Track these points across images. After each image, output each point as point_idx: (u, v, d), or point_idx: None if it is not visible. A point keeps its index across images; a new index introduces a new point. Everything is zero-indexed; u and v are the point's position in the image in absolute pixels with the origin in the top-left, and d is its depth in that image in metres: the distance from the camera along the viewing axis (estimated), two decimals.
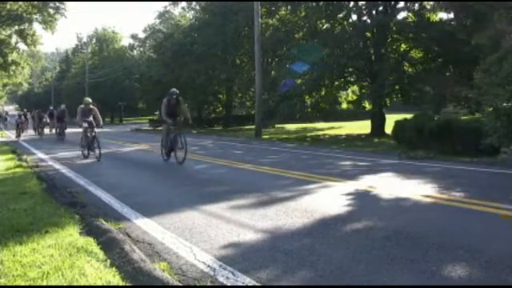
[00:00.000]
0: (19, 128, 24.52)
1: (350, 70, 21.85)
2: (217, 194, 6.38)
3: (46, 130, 26.10)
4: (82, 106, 12.25)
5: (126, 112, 60.03)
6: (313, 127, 29.78)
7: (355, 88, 24.88)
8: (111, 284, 2.98)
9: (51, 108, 27.67)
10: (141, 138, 22.71)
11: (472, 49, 15.17)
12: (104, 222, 4.59)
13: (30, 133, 26.26)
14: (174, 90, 10.76)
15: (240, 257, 3.65)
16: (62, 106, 23.43)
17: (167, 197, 6.45)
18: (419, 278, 3.14)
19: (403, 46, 21.87)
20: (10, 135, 27.55)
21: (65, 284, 2.96)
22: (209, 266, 3.43)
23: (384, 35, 20.73)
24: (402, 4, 20.96)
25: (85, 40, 66.54)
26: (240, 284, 3.09)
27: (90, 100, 12.59)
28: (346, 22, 22.60)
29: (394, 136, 15.11)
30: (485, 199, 5.49)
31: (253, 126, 22.94)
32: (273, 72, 27.97)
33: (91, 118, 12.08)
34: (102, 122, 12.52)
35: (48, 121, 25.70)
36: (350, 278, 3.18)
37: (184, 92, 36.02)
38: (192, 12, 42.15)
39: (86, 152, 12.00)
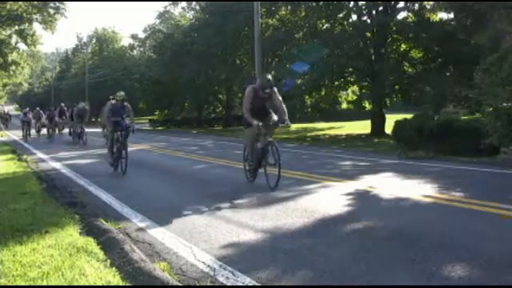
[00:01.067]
0: (26, 128, 22.15)
1: (350, 69, 21.85)
2: (217, 193, 6.38)
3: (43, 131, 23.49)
4: (113, 101, 9.34)
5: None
6: (313, 127, 29.77)
7: (355, 88, 24.89)
8: (111, 284, 2.98)
9: (62, 104, 23.79)
10: (141, 138, 22.69)
11: (472, 49, 15.18)
12: (104, 222, 4.59)
13: (32, 132, 23.88)
14: (268, 76, 6.98)
15: (240, 257, 3.65)
16: (82, 104, 20.57)
17: (167, 197, 6.44)
18: (419, 278, 3.14)
19: (403, 46, 21.88)
20: (10, 135, 27.44)
21: (65, 284, 2.96)
22: (209, 265, 3.43)
23: (384, 35, 20.74)
24: (402, 4, 20.99)
25: (85, 40, 66.60)
26: (240, 284, 3.08)
27: (123, 93, 9.48)
28: (346, 22, 22.61)
29: (394, 136, 15.11)
30: (485, 199, 5.49)
31: None
32: (273, 72, 27.96)
33: (126, 119, 9.14)
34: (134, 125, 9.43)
35: (59, 120, 22.13)
36: (350, 277, 3.18)
37: (184, 92, 36.24)
38: (192, 12, 42.16)
39: (115, 162, 9.02)
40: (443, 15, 20.46)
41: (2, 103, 58.89)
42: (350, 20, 22.47)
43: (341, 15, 22.28)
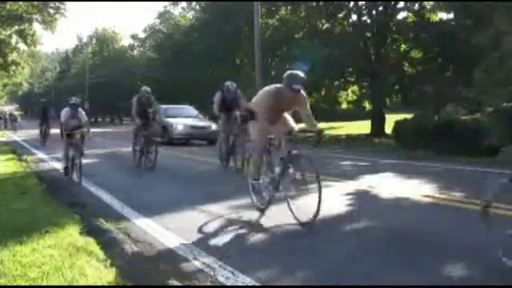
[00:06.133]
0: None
1: (350, 70, 21.85)
2: (217, 193, 6.38)
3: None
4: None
5: (126, 112, 59.99)
6: None
7: (355, 88, 24.90)
8: (111, 284, 2.98)
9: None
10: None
11: (472, 49, 15.17)
12: (104, 222, 4.59)
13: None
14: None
15: (240, 257, 3.65)
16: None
17: (167, 197, 6.45)
18: (419, 277, 3.14)
19: (403, 46, 21.89)
20: (11, 135, 27.22)
21: (65, 284, 2.96)
22: (209, 265, 3.43)
23: (384, 35, 20.75)
24: (402, 4, 20.99)
25: (85, 40, 66.59)
26: (240, 284, 3.08)
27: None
28: (345, 22, 22.61)
29: (393, 136, 15.11)
30: None
31: None
32: (273, 72, 27.96)
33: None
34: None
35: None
36: (350, 277, 3.18)
37: (184, 92, 36.24)
38: (192, 12, 42.13)
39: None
40: (443, 15, 20.49)
41: (2, 103, 58.78)
42: (350, 20, 22.47)
43: (341, 15, 22.28)
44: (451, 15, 18.33)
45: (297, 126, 5.35)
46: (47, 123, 16.88)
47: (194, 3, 39.67)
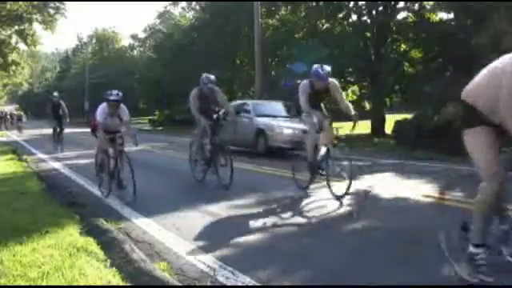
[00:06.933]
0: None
1: (350, 70, 21.86)
2: (217, 193, 6.37)
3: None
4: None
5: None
6: None
7: (355, 88, 24.92)
8: (111, 284, 2.98)
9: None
10: (141, 139, 22.68)
11: (472, 49, 15.17)
12: (104, 222, 4.59)
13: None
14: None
15: (240, 257, 3.65)
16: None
17: (167, 197, 6.45)
18: (419, 277, 3.14)
19: (403, 46, 21.89)
20: (11, 135, 27.15)
21: (65, 284, 2.96)
22: (209, 265, 3.43)
23: (384, 35, 20.76)
24: (402, 4, 20.99)
25: (85, 40, 66.63)
26: (240, 284, 3.09)
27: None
28: (345, 22, 22.62)
29: (393, 136, 15.10)
30: None
31: None
32: (273, 72, 28.00)
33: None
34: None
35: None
36: (350, 277, 3.19)
37: (184, 92, 36.31)
38: (192, 12, 42.16)
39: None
40: (443, 15, 20.47)
41: (2, 103, 58.70)
42: (350, 20, 22.48)
43: (341, 15, 22.29)
44: (451, 15, 18.33)
45: None
46: (61, 123, 14.82)
47: (193, 3, 39.72)
